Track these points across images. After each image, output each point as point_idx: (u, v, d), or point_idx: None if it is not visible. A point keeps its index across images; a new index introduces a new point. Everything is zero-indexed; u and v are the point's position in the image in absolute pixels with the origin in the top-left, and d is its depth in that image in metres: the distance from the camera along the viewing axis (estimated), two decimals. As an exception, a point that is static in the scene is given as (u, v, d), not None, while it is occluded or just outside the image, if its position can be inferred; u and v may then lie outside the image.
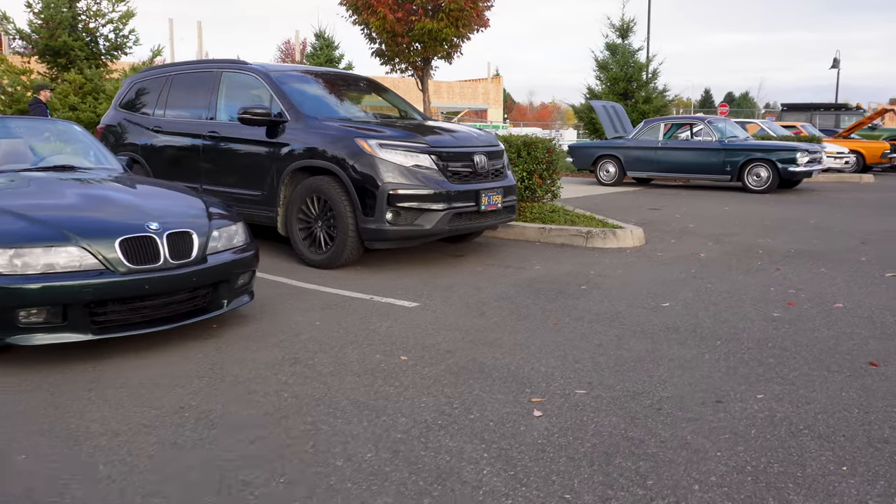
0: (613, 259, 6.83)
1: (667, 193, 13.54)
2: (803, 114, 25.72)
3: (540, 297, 5.33)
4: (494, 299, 5.28)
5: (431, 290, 5.59)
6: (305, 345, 4.23)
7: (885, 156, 19.21)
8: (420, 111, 8.22)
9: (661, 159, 14.22)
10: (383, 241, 6.30)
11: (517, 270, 6.33)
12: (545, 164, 8.64)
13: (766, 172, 13.19)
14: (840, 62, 41.23)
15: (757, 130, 19.24)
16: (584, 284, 5.75)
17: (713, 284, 5.72)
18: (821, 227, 8.94)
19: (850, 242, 7.75)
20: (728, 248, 7.36)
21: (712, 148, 13.62)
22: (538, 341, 4.26)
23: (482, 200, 6.49)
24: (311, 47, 20.22)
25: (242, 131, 7.06)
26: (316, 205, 6.51)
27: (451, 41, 10.16)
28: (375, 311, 4.98)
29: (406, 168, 6.18)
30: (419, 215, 6.20)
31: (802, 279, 5.90)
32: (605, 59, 28.45)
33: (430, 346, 4.18)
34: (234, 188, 7.19)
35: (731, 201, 12.00)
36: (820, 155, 13.79)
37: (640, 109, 27.27)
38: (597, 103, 15.68)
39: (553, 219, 8.21)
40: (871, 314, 4.80)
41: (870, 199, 12.46)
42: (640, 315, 4.82)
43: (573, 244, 7.61)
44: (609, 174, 14.97)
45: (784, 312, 4.85)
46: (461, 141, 6.64)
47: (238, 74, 7.46)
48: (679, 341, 4.23)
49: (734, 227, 8.84)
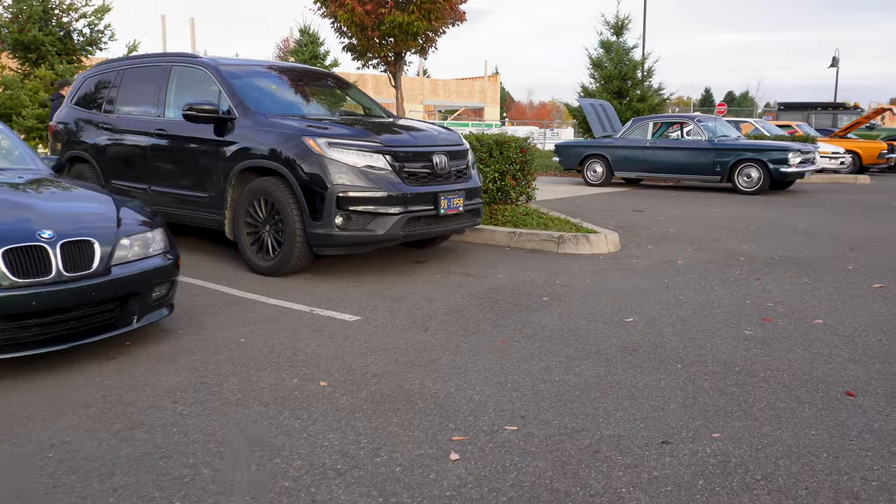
0: (584, 266, 6.38)
1: (654, 194, 13.09)
2: (800, 113, 25.26)
3: (495, 311, 4.89)
4: (444, 312, 4.84)
5: (379, 301, 5.15)
6: (219, 366, 3.78)
7: (882, 156, 18.74)
8: (386, 109, 7.76)
9: (650, 159, 13.76)
10: (333, 248, 5.86)
11: (478, 279, 5.88)
12: (519, 165, 8.18)
13: (757, 173, 12.73)
14: (839, 61, 40.82)
15: (751, 130, 18.78)
16: (546, 295, 5.31)
17: (685, 296, 5.27)
18: (809, 231, 8.49)
19: (839, 249, 7.30)
20: (707, 255, 6.91)
21: (702, 147, 13.16)
22: (479, 364, 3.81)
23: (441, 203, 6.04)
24: (296, 43, 19.75)
25: (190, 129, 6.62)
26: (263, 208, 6.07)
27: (427, 35, 9.70)
28: (311, 325, 4.53)
29: (358, 169, 5.73)
30: (371, 219, 5.76)
31: (782, 290, 5.44)
32: (600, 56, 28.02)
33: (356, 369, 3.73)
34: (181, 189, 6.75)
35: (718, 203, 11.55)
36: (813, 155, 13.33)
37: (634, 108, 26.82)
38: (585, 101, 15.22)
39: (526, 222, 7.76)
40: (853, 332, 4.35)
41: (864, 202, 12.00)
42: (599, 332, 4.37)
43: (544, 250, 7.16)
44: (596, 174, 14.51)
45: (757, 330, 4.40)
46: (419, 140, 6.19)
47: (188, 69, 7.01)
48: (636, 364, 3.78)
49: (718, 232, 8.39)
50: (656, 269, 6.27)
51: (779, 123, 20.09)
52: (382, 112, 7.62)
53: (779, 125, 19.60)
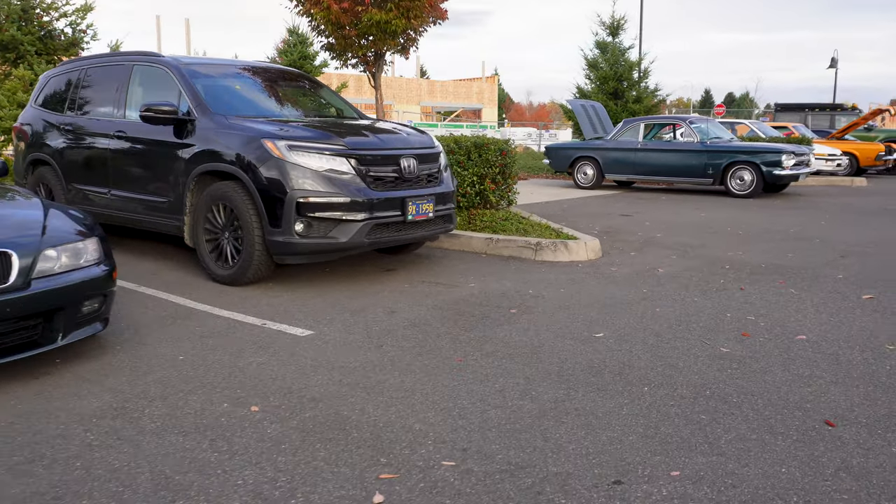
0: (560, 275, 6.07)
1: (644, 197, 12.78)
2: (797, 114, 24.96)
3: (458, 324, 4.58)
4: (404, 326, 4.53)
5: (338, 313, 4.85)
6: (147, 388, 3.48)
7: (879, 158, 18.43)
8: (359, 110, 7.46)
9: (641, 161, 13.45)
10: (293, 256, 5.56)
11: (447, 289, 5.57)
12: (498, 168, 7.88)
13: (750, 176, 12.42)
14: (838, 62, 40.53)
15: (747, 132, 18.47)
16: (515, 307, 5.00)
17: (663, 308, 4.96)
18: (801, 236, 8.18)
19: (829, 255, 6.98)
20: (692, 263, 6.60)
21: (693, 150, 12.86)
22: (429, 385, 3.50)
23: (409, 209, 5.74)
24: (285, 43, 19.45)
25: (149, 131, 6.33)
26: (222, 214, 5.77)
27: (407, 34, 9.39)
28: (258, 341, 4.23)
29: (319, 173, 5.43)
30: (334, 226, 5.46)
31: (766, 302, 5.13)
32: (595, 57, 27.75)
33: (294, 392, 3.42)
34: (141, 194, 6.46)
35: (710, 207, 11.24)
36: (808, 157, 13.02)
37: (630, 109, 26.55)
38: (575, 102, 14.91)
39: (504, 228, 7.45)
40: (838, 350, 4.04)
41: (859, 205, 11.68)
42: (565, 349, 4.06)
43: (521, 257, 6.85)
44: (587, 177, 14.20)
45: (735, 346, 4.09)
46: (386, 143, 5.89)
47: (149, 68, 6.72)
48: (599, 387, 3.47)
49: (705, 237, 8.08)
50: (636, 278, 5.96)
51: (775, 125, 19.79)
52: (355, 113, 7.32)
53: (775, 126, 19.29)
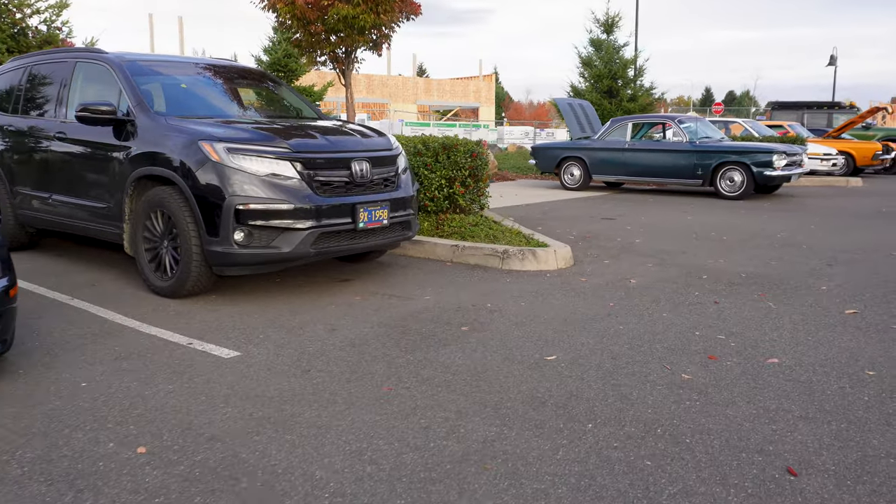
0: (525, 286, 5.66)
1: (631, 199, 12.36)
2: (794, 113, 24.53)
3: (401, 344, 4.18)
4: (340, 347, 4.13)
5: (274, 330, 4.45)
6: (32, 423, 3.09)
7: (876, 157, 18.01)
8: (318, 110, 7.05)
9: (628, 162, 13.04)
10: (233, 267, 5.16)
11: (401, 302, 5.17)
12: (468, 170, 7.47)
13: (740, 177, 12.01)
14: (837, 59, 40.12)
15: (741, 131, 18.06)
16: (467, 324, 4.60)
17: (627, 325, 4.56)
18: (788, 242, 7.77)
19: (815, 263, 6.57)
20: (668, 273, 6.19)
21: (682, 150, 12.44)
22: (347, 421, 3.10)
23: (360, 216, 5.34)
24: (270, 40, 19.04)
25: (89, 133, 5.95)
26: (160, 221, 5.37)
27: (379, 30, 8.99)
28: (177, 364, 3.84)
29: (261, 178, 5.04)
30: (277, 235, 5.07)
31: (741, 318, 4.73)
32: (590, 55, 27.36)
33: (194, 429, 3.03)
34: (81, 199, 6.09)
35: (697, 209, 10.82)
36: (800, 157, 12.61)
37: (625, 108, 26.18)
38: (562, 101, 14.49)
39: (473, 234, 7.05)
40: (812, 376, 3.63)
41: (852, 207, 11.27)
42: (510, 375, 3.66)
43: (487, 265, 6.45)
44: (574, 178, 13.79)
45: (699, 372, 3.69)
46: (337, 145, 5.49)
47: (91, 65, 6.33)
48: (537, 423, 3.07)
49: (687, 243, 7.67)
50: (605, 290, 5.56)
51: (769, 124, 19.37)
52: (315, 114, 6.91)
53: (769, 125, 18.88)
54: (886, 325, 4.51)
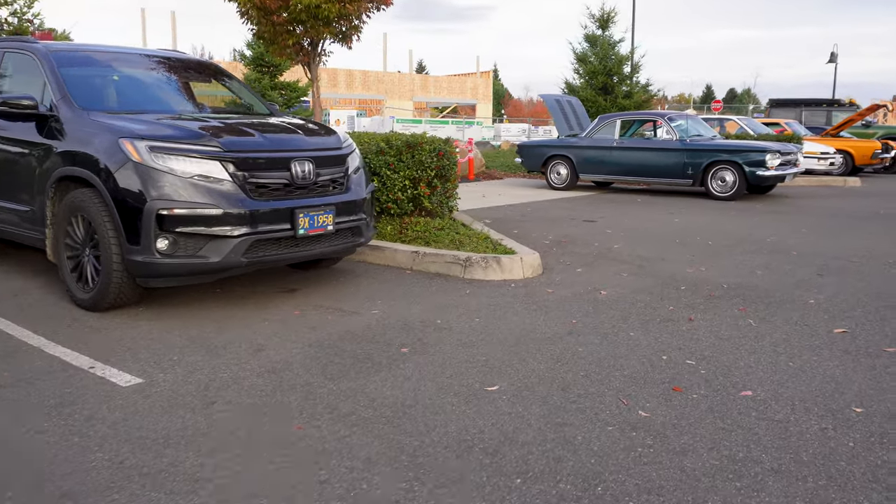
0: (485, 298, 5.16)
1: (618, 200, 11.84)
2: (792, 110, 24.00)
3: (328, 369, 3.69)
4: (258, 373, 3.63)
5: (191, 352, 3.96)
6: None
7: (875, 156, 17.49)
8: (271, 104, 6.54)
9: (616, 161, 12.52)
10: (157, 279, 4.67)
11: (344, 317, 4.67)
12: (434, 170, 6.97)
13: (732, 176, 11.49)
14: (837, 56, 39.61)
15: (737, 129, 17.53)
16: (410, 344, 4.10)
17: (588, 347, 4.05)
18: (777, 248, 7.26)
19: (805, 273, 6.06)
20: (643, 283, 5.68)
21: (672, 148, 11.92)
22: (232, 471, 2.60)
23: (300, 222, 4.85)
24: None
25: (13, 129, 5.47)
26: (81, 227, 4.88)
27: (349, 21, 8.47)
28: (67, 394, 3.35)
29: (187, 179, 4.54)
30: (204, 243, 4.57)
31: (715, 339, 4.22)
32: (584, 51, 26.87)
33: (50, 482, 2.52)
34: (5, 201, 5.59)
35: (686, 211, 10.31)
36: (795, 156, 12.09)
37: (620, 105, 25.70)
38: (549, 97, 13.96)
39: (438, 239, 6.55)
40: (790, 414, 3.13)
41: (849, 209, 10.75)
42: (441, 411, 3.16)
43: (448, 274, 5.94)
44: (560, 177, 13.28)
45: (659, 408, 3.18)
46: (275, 143, 4.98)
47: (18, 55, 5.83)
48: (456, 477, 2.57)
49: (669, 249, 7.16)
50: (571, 303, 5.05)
51: (765, 121, 18.83)
52: (266, 109, 6.40)
53: (766, 123, 18.35)
54: (878, 349, 4.01)
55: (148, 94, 5.84)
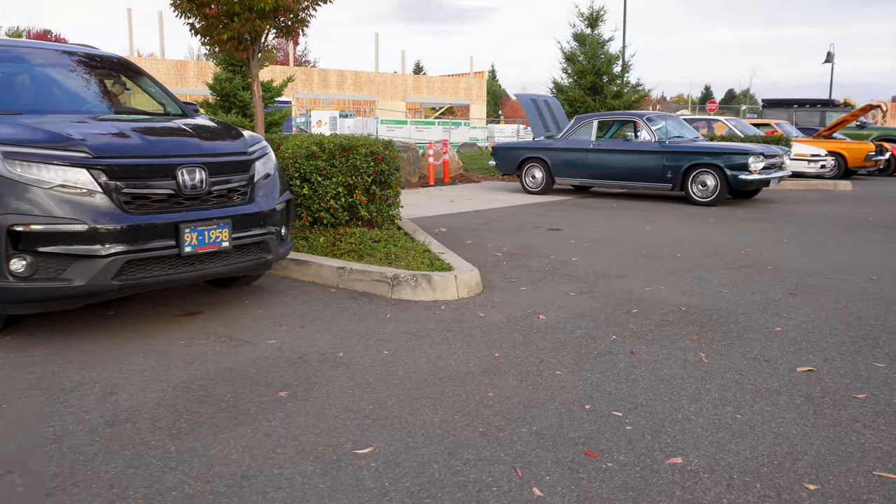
0: (405, 325, 4.50)
1: (593, 205, 11.17)
2: (785, 111, 23.35)
3: (177, 424, 3.04)
4: (92, 428, 2.99)
5: (35, 394, 3.34)
6: None
7: (869, 158, 16.83)
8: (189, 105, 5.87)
9: (593, 164, 11.86)
10: (14, 305, 4.02)
11: (234, 348, 4.02)
12: (372, 176, 6.31)
13: (713, 181, 10.83)
14: (834, 56, 38.99)
15: (725, 131, 16.87)
16: (292, 386, 3.45)
17: (500, 391, 3.40)
18: (751, 261, 6.60)
19: (776, 292, 5.40)
20: (591, 304, 5.03)
21: (650, 150, 11.26)
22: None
23: (186, 238, 4.19)
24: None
25: None
26: (-66, 244, 4.19)
27: (296, 15, 7.81)
28: None
29: (48, 190, 3.89)
30: (68, 265, 3.92)
31: (654, 380, 3.56)
32: (573, 50, 26.23)
33: None
34: None
35: (661, 218, 9.65)
36: (781, 159, 11.43)
37: (609, 105, 25.06)
38: (524, 96, 13.29)
39: (372, 252, 5.90)
40: (724, 492, 2.47)
41: (836, 215, 10.08)
42: (287, 486, 2.51)
43: (376, 293, 5.29)
44: (535, 181, 12.62)
45: (560, 483, 2.52)
46: (157, 148, 4.33)
47: None
48: None
49: (633, 262, 6.50)
50: (501, 331, 4.39)
51: (755, 122, 18.17)
52: (179, 109, 5.74)
53: (755, 124, 17.69)
54: (847, 395, 3.35)
55: (33, 93, 5.18)
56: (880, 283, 5.69)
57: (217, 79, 17.52)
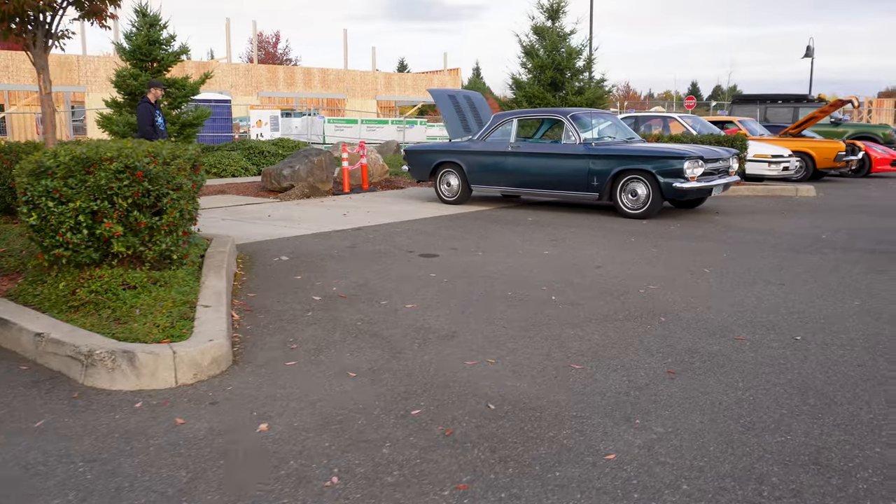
0: (47, 441, 2.83)
1: (504, 220, 9.50)
2: (756, 107, 21.78)
3: None
4: None
5: None
6: None
7: (839, 158, 15.24)
8: None
9: (511, 169, 10.21)
10: None
11: None
12: (131, 199, 4.63)
13: (645, 189, 9.19)
14: (814, 51, 37.59)
15: (682, 131, 15.22)
16: None
17: None
18: (642, 308, 4.96)
19: (648, 371, 3.76)
20: (363, 397, 3.39)
21: (574, 154, 9.61)
22: None
23: None
24: (132, 24, 16.09)
25: None
26: None
27: None
28: None
29: None
30: None
31: None
32: (532, 43, 24.59)
33: None
34: None
35: (572, 237, 8.00)
36: (727, 163, 9.80)
37: (570, 101, 23.37)
38: (438, 91, 11.60)
39: (114, 304, 4.24)
40: None
41: (786, 231, 8.45)
42: None
43: (69, 375, 3.63)
44: (450, 188, 10.96)
45: None
46: None
47: None
48: None
49: (484, 310, 4.87)
50: (183, 454, 2.77)
51: (715, 119, 16.55)
52: None
53: (715, 122, 16.06)
54: None
55: None
56: (804, 350, 4.06)
57: (119, 75, 15.77)
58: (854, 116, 33.65)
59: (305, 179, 12.65)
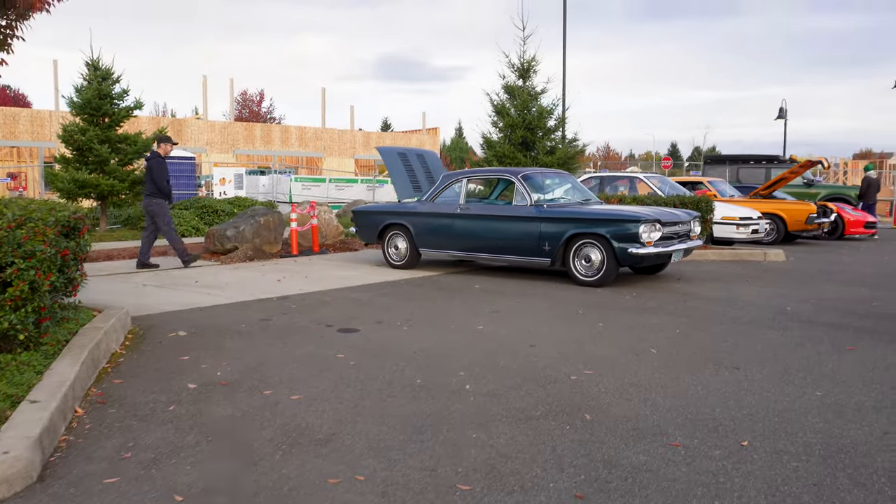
0: None
1: (451, 287, 8.81)
2: (728, 167, 21.52)
3: None
4: None
5: None
6: None
7: (810, 220, 14.79)
8: None
9: (461, 232, 9.57)
10: None
11: None
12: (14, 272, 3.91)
13: (599, 255, 8.56)
14: (787, 112, 37.92)
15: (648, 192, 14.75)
16: None
17: None
18: (566, 402, 4.25)
19: (560, 491, 3.01)
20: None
21: (524, 217, 9.01)
22: None
23: None
24: (82, 77, 15.54)
25: None
26: None
27: None
28: None
29: None
30: None
31: None
32: (502, 102, 24.33)
33: None
34: None
35: (515, 308, 7.32)
36: (688, 227, 9.23)
37: (542, 161, 22.99)
38: (387, 150, 11.02)
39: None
40: None
41: (746, 303, 7.80)
42: None
43: None
44: (398, 252, 10.29)
45: None
46: None
47: None
48: None
49: (377, 406, 4.16)
50: None
51: (683, 180, 16.12)
52: None
53: (683, 182, 15.63)
54: None
55: None
56: (750, 461, 3.34)
57: (66, 130, 15.16)
58: (830, 177, 33.67)
59: (251, 241, 11.94)
